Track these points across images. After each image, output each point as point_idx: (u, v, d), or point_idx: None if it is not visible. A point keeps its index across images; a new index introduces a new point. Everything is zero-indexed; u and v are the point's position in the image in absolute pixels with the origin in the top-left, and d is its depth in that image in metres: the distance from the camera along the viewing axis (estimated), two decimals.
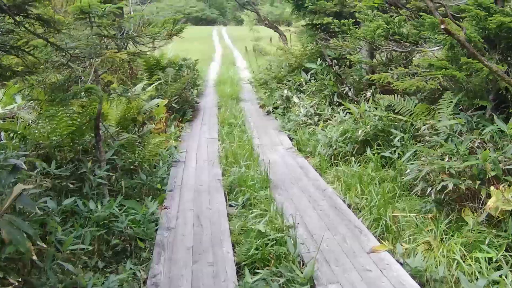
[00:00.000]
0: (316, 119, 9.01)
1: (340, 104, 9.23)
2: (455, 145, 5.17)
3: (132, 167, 6.27)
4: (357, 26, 10.92)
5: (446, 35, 6.17)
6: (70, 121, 5.67)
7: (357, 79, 9.32)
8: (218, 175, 6.59)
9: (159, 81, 8.19)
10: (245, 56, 25.47)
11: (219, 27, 61.78)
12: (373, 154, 6.70)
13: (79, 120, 5.68)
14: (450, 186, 4.68)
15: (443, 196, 4.84)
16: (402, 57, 8.98)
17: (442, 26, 4.89)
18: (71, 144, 5.70)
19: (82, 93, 5.29)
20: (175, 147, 7.91)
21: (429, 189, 5.13)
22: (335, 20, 7.22)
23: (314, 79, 10.12)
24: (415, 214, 5.11)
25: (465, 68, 5.50)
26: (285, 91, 10.73)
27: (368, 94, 8.80)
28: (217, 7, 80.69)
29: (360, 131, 7.13)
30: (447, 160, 5.06)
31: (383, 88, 8.55)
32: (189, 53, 24.61)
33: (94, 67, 5.58)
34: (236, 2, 14.78)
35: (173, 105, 10.22)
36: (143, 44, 9.35)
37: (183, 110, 10.67)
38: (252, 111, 11.47)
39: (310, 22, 11.35)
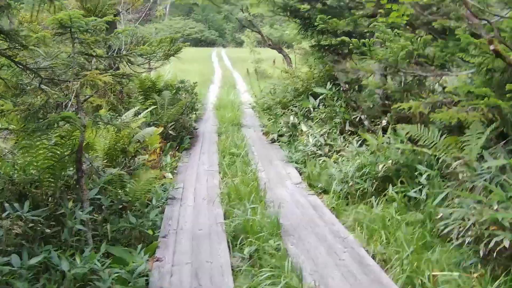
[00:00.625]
0: (326, 149, 8.17)
1: (352, 133, 8.42)
2: (506, 190, 4.33)
3: (120, 206, 5.40)
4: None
5: (483, 57, 5.39)
6: (49, 153, 4.85)
7: (371, 106, 8.51)
8: (219, 216, 5.71)
9: (154, 106, 7.33)
10: (246, 79, 24.76)
11: (219, 49, 61.41)
12: (396, 192, 5.85)
13: (59, 151, 4.85)
14: (507, 244, 3.82)
15: (494, 253, 4.00)
16: (417, 82, 8.22)
17: (491, 47, 4.08)
18: (50, 179, 4.86)
19: (61, 122, 4.46)
20: (171, 181, 7.06)
21: (468, 239, 4.30)
22: (353, 40, 6.40)
23: (323, 105, 9.30)
24: (457, 273, 4.24)
25: (510, 96, 4.68)
26: (291, 118, 9.92)
27: (384, 122, 8.01)
28: (217, 29, 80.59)
29: (380, 166, 6.30)
30: (496, 209, 4.22)
31: (398, 116, 7.80)
32: (187, 75, 23.87)
33: (75, 91, 4.74)
34: (239, 22, 14.01)
35: (169, 131, 9.39)
36: (137, 65, 8.53)
37: (180, 136, 9.83)
38: (255, 138, 10.63)
39: (317, 43, 10.60)
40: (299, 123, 9.70)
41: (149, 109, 6.91)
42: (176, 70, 24.67)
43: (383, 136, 6.97)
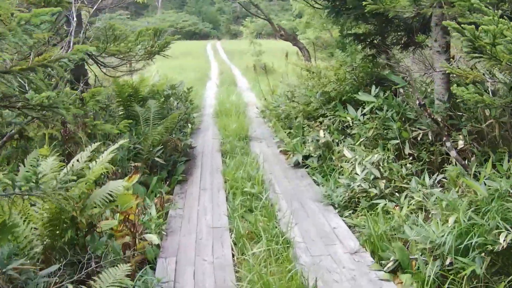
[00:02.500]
0: (382, 185, 5.60)
1: (414, 158, 5.90)
2: None
3: None
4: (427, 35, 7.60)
5: None
6: None
7: (439, 119, 5.91)
8: None
9: (121, 142, 4.57)
10: (246, 74, 22.10)
11: (213, 41, 58.68)
12: None
13: None
14: None
15: None
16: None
17: None
18: None
19: None
20: (156, 251, 4.48)
21: None
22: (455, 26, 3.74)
23: (369, 118, 6.67)
24: None
25: None
26: (322, 134, 7.30)
27: (460, 143, 5.55)
28: (211, 21, 77.85)
29: (502, 237, 3.72)
30: None
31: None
32: (181, 71, 21.21)
33: None
34: (244, 9, 11.28)
35: (156, 159, 6.76)
36: (112, 68, 6.04)
37: (172, 162, 7.21)
38: (272, 159, 8.01)
39: (353, 33, 7.99)
40: (332, 141, 7.10)
41: (113, 148, 4.20)
42: (168, 66, 21.97)
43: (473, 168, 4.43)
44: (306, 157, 7.52)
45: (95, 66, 7.53)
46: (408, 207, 5.05)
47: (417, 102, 5.29)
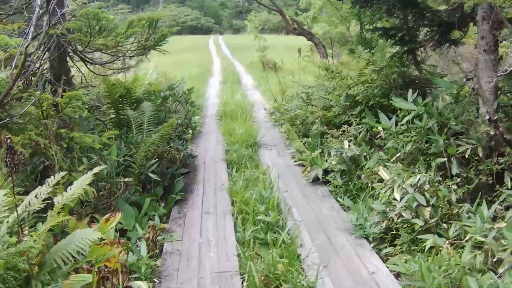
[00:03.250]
0: (427, 213, 4.51)
1: (461, 178, 4.83)
2: None
3: None
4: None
5: None
6: None
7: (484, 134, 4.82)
8: None
9: (97, 169, 3.37)
10: (251, 70, 20.94)
11: (215, 36, 57.48)
12: None
13: None
14: None
15: None
16: None
17: None
18: None
19: None
20: None
21: None
22: None
23: (407, 128, 5.52)
24: None
25: None
26: (347, 145, 6.18)
27: None
28: (213, 15, 76.63)
29: None
30: None
31: None
32: (181, 68, 20.03)
33: None
34: (257, 2, 10.11)
35: (150, 175, 5.63)
36: (100, 65, 4.86)
37: (169, 177, 6.10)
38: (286, 173, 6.89)
39: (381, 26, 6.85)
40: (357, 153, 5.98)
41: (90, 175, 3.07)
42: (167, 62, 20.78)
43: None
44: (327, 172, 6.41)
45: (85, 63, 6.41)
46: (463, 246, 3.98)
47: (487, 117, 4.15)
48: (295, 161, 7.38)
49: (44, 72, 5.95)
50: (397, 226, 4.66)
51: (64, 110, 4.58)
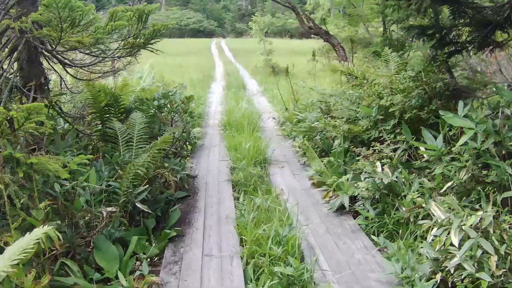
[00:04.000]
0: (493, 265, 3.41)
1: None
2: None
3: None
4: None
5: None
6: None
7: None
8: None
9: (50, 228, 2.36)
10: (256, 75, 19.84)
11: (218, 39, 56.53)
12: None
13: None
14: None
15: None
16: None
17: None
18: None
19: None
20: None
21: None
22: None
23: (456, 149, 4.40)
24: None
25: None
26: (379, 167, 5.05)
27: None
28: (215, 18, 75.75)
29: None
30: None
31: None
32: (183, 72, 18.91)
33: None
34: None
35: (138, 205, 4.52)
36: (81, 67, 3.45)
37: (163, 203, 4.99)
38: (303, 200, 5.78)
39: (417, 24, 5.74)
40: (396, 180, 4.86)
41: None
42: (168, 65, 19.70)
43: None
44: (354, 199, 5.30)
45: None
46: None
47: None
48: (312, 182, 6.26)
49: (10, 76, 4.85)
50: (455, 279, 3.54)
51: (22, 127, 3.46)
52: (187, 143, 6.07)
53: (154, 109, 6.08)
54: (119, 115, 5.89)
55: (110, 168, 4.93)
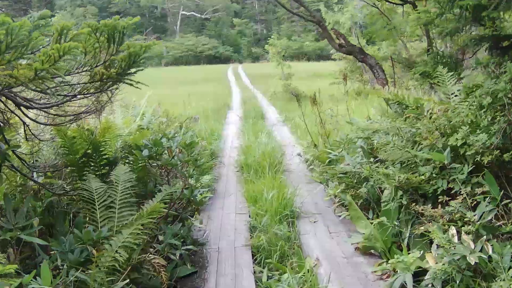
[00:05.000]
0: None
1: None
2: None
3: None
4: None
5: None
6: None
7: None
8: None
9: None
10: (275, 101, 18.48)
11: (235, 65, 55.75)
12: None
13: None
14: None
15: None
16: None
17: None
18: None
19: None
20: None
21: None
22: None
23: None
24: None
25: None
26: (454, 233, 3.55)
27: None
28: (231, 44, 75.24)
29: None
30: None
31: None
32: (197, 100, 17.61)
33: None
34: (286, 10, 7.52)
35: None
36: (39, 109, 1.91)
37: None
38: (347, 273, 4.30)
39: (488, 34, 4.28)
40: (484, 256, 3.34)
41: None
42: (180, 94, 18.42)
43: None
44: (419, 277, 3.78)
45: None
46: None
47: None
48: (356, 247, 4.76)
49: None
50: None
51: None
52: (192, 203, 4.62)
53: (148, 155, 4.66)
54: (101, 168, 4.50)
55: (81, 249, 3.52)
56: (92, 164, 4.51)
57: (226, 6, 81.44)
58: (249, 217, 5.72)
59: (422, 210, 4.03)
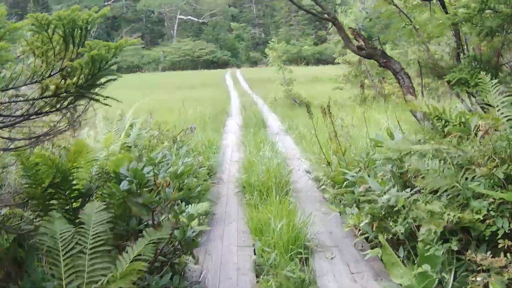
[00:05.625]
0: None
1: None
2: None
3: None
4: None
5: None
6: None
7: None
8: None
9: None
10: (276, 108, 17.60)
11: (233, 70, 54.88)
12: None
13: None
14: None
15: None
16: None
17: None
18: None
19: None
20: None
21: None
22: None
23: None
24: None
25: None
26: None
27: None
28: (229, 48, 74.33)
29: None
30: None
31: None
32: (194, 107, 16.69)
33: None
34: (297, 7, 6.54)
35: None
36: None
37: None
38: None
39: None
40: None
41: None
42: (176, 100, 17.50)
43: None
44: None
45: None
46: None
47: None
48: None
49: None
50: None
51: None
52: (184, 244, 3.70)
53: (131, 185, 3.74)
54: (72, 201, 3.58)
55: None
56: (61, 196, 3.59)
57: (223, 10, 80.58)
58: (254, 253, 4.78)
59: (481, 260, 3.12)
